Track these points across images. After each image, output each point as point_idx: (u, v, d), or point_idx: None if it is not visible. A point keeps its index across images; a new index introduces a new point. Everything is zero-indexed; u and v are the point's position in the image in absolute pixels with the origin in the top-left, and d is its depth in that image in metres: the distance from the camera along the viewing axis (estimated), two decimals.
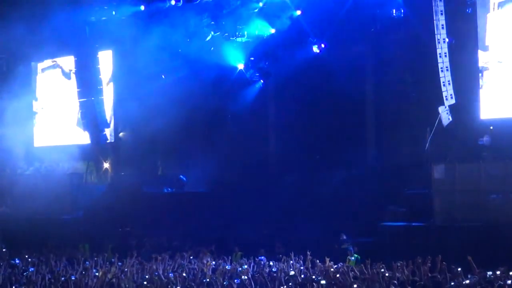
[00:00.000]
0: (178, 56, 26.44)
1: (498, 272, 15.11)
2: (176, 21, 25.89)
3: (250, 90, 24.63)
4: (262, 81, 24.84)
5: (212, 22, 24.76)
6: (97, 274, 17.99)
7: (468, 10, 21.94)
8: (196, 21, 25.34)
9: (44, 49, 30.58)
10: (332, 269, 17.25)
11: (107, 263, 19.94)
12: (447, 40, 20.80)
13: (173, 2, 25.75)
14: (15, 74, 31.96)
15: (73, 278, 16.95)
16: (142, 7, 26.43)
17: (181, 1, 25.34)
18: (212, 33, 24.93)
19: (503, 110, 21.54)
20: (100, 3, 27.01)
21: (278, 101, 24.55)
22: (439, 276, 15.24)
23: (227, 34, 24.62)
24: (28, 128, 32.49)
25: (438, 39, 20.83)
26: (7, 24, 28.23)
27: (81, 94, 27.58)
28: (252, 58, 24.91)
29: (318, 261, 18.02)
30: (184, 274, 17.42)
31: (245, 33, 24.45)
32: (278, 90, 24.60)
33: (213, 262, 19.14)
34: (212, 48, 25.33)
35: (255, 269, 17.84)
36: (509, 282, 14.52)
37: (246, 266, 18.42)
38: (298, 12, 23.52)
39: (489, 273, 15.08)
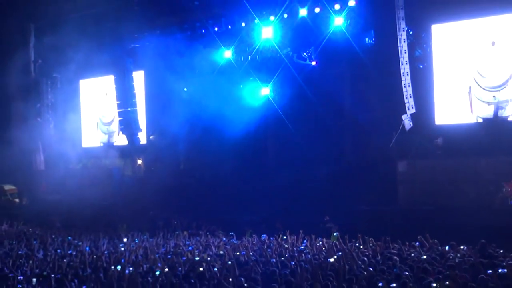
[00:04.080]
0: (197, 74, 26.59)
1: (447, 248, 15.37)
2: (196, 45, 26.09)
3: (255, 102, 24.63)
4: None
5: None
6: (133, 247, 18.30)
7: (425, 38, 22.15)
8: (214, 45, 25.44)
9: (90, 70, 30.82)
10: (318, 244, 17.52)
11: (140, 239, 20.23)
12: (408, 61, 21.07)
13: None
14: (67, 89, 32.21)
15: (106, 253, 17.24)
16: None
17: (203, 30, 25.54)
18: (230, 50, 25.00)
19: (454, 117, 21.79)
20: (134, 33, 27.16)
21: (277, 108, 24.52)
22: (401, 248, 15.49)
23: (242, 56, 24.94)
24: (77, 132, 32.71)
25: (402, 61, 21.02)
26: (61, 50, 28.51)
27: (119, 106, 27.84)
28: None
29: (306, 237, 18.30)
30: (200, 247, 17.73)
31: (257, 56, 24.66)
32: (277, 100, 24.58)
33: (224, 238, 19.40)
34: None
35: (259, 243, 18.06)
36: (458, 255, 14.73)
37: (254, 241, 18.68)
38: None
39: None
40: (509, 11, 20.53)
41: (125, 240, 20.24)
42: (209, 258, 15.60)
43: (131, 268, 14.28)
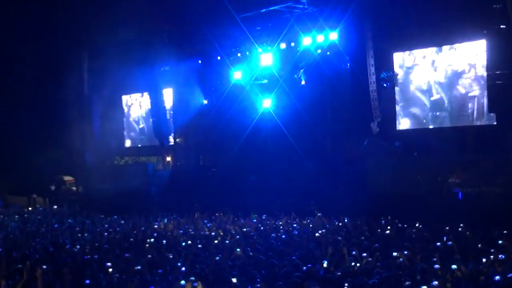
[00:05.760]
0: (214, 91, 26.62)
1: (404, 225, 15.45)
2: (213, 68, 26.17)
3: (258, 112, 24.59)
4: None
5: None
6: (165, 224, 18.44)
7: (388, 63, 22.21)
8: (226, 68, 25.46)
9: (130, 88, 30.94)
10: (305, 222, 17.62)
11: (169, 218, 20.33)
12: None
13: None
14: (112, 102, 32.30)
15: (143, 228, 17.36)
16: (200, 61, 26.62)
17: (219, 57, 25.57)
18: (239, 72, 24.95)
19: (410, 124, 21.88)
20: (165, 58, 27.22)
21: (275, 117, 24.52)
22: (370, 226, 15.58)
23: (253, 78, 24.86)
24: (121, 136, 32.82)
25: (370, 81, 21.19)
26: (108, 72, 28.65)
27: (153, 115, 27.90)
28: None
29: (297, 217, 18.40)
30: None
31: (259, 77, 24.67)
32: (275, 111, 24.57)
33: (234, 218, 19.47)
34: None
35: (260, 223, 18.14)
36: (413, 230, 14.80)
37: (255, 220, 18.75)
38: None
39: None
40: (447, 43, 20.67)
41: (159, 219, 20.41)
42: (222, 233, 15.72)
43: (163, 240, 14.41)
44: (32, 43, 27.99)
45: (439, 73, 21.01)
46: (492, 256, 10.57)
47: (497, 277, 8.38)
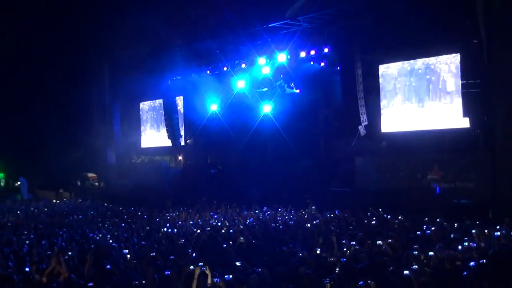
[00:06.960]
0: (220, 98, 26.53)
1: (388, 216, 15.42)
2: (219, 78, 26.11)
3: (259, 117, 24.49)
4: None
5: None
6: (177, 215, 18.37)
7: (374, 73, 22.14)
8: (231, 78, 25.35)
9: (147, 95, 30.93)
10: (300, 214, 17.58)
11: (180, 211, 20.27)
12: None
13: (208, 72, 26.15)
14: (131, 108, 32.33)
15: (157, 220, 17.32)
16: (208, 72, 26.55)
17: (225, 68, 25.48)
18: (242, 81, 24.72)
19: (393, 127, 21.83)
20: (176, 70, 27.21)
21: (274, 120, 24.46)
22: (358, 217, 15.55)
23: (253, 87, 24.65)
24: (138, 137, 32.79)
25: (358, 89, 21.10)
26: (127, 82, 28.65)
27: (166, 119, 27.90)
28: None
29: (293, 210, 18.37)
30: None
31: (264, 88, 24.58)
32: (273, 115, 24.43)
33: (237, 210, 19.41)
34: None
35: (261, 214, 18.10)
36: (396, 221, 14.77)
37: (257, 211, 18.68)
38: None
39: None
40: (426, 56, 20.67)
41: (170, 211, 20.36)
42: (227, 223, 15.69)
43: (175, 230, 14.39)
44: (61, 58, 28.23)
45: (417, 84, 21.02)
46: (466, 244, 10.55)
47: (472, 263, 8.34)
